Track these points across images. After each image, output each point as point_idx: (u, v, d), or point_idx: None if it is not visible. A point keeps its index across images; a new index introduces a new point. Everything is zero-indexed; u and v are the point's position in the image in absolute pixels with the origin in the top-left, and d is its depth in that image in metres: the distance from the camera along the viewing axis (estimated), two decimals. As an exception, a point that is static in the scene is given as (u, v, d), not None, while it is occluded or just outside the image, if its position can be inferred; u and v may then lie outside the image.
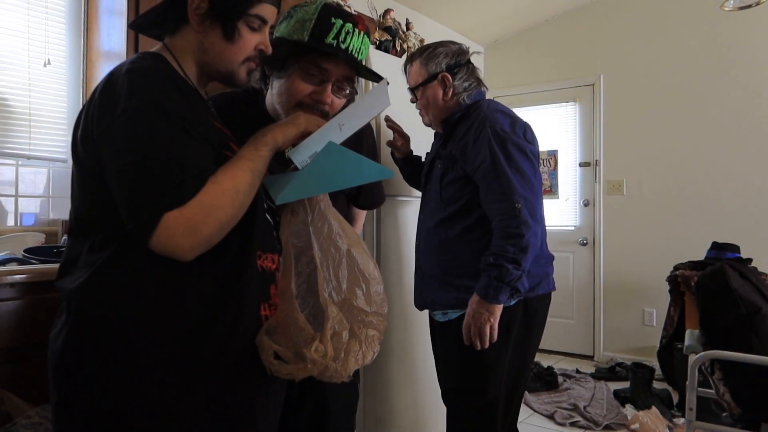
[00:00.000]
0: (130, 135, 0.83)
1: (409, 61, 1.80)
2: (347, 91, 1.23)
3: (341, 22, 1.15)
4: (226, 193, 0.85)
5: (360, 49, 1.19)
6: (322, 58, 1.16)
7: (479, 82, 1.81)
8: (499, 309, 1.58)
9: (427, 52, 1.75)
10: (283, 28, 1.19)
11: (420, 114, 1.84)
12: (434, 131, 1.95)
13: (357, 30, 1.17)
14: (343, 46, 1.15)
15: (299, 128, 1.00)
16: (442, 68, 1.73)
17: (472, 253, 1.65)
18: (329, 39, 1.14)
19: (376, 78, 1.25)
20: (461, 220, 1.70)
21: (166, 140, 0.84)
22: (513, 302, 1.65)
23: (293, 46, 1.16)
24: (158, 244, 0.81)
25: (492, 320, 1.58)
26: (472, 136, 1.65)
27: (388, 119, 2.00)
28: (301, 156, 1.00)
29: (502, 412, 1.72)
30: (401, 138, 2.01)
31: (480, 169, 1.62)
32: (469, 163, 1.65)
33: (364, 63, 1.24)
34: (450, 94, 1.74)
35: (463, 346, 1.65)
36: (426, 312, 1.91)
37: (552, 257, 1.82)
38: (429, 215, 1.79)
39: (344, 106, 1.28)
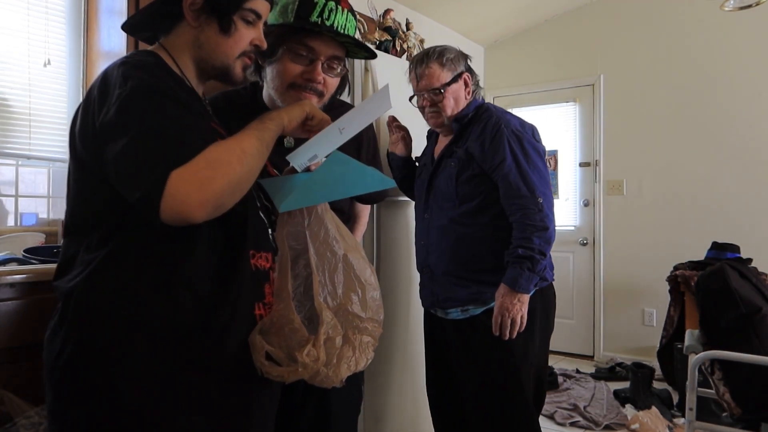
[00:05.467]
0: (129, 113, 0.83)
1: (421, 63, 1.79)
2: (338, 70, 1.25)
3: (323, 0, 1.17)
4: (233, 151, 0.83)
5: (345, 25, 1.21)
6: (309, 37, 1.18)
7: (477, 83, 1.89)
8: (527, 298, 1.66)
9: (445, 53, 1.79)
10: (270, 17, 1.21)
11: (428, 115, 1.83)
12: (428, 133, 2.00)
13: (340, 7, 1.20)
14: (327, 24, 1.17)
15: (304, 109, 1.01)
16: (463, 68, 1.80)
17: (490, 248, 1.71)
18: (313, 17, 1.17)
19: (367, 53, 1.29)
20: (479, 217, 1.74)
21: (165, 112, 0.84)
22: (532, 292, 1.70)
23: (280, 29, 1.18)
24: (167, 207, 0.77)
25: (523, 309, 1.65)
26: (489, 135, 1.71)
27: (394, 120, 2.03)
28: (300, 159, 1.00)
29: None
30: (407, 137, 2.05)
31: (500, 167, 1.68)
32: (487, 161, 1.70)
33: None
34: (469, 93, 1.82)
35: (493, 342, 1.68)
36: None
37: None
38: (440, 213, 1.80)
39: (338, 89, 1.31)
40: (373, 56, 1.32)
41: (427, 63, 1.78)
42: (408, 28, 3.24)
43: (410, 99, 1.89)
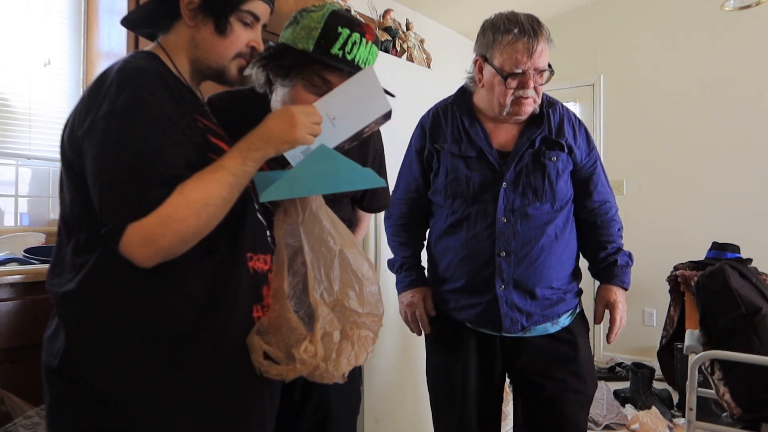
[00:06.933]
0: (109, 137, 0.83)
1: (536, 35, 1.47)
2: None
3: (348, 31, 1.11)
4: (191, 206, 0.83)
5: (367, 59, 1.15)
6: (327, 69, 1.12)
7: None
8: None
9: (546, 28, 1.51)
10: (288, 34, 1.16)
11: (524, 100, 1.51)
12: (454, 118, 1.64)
13: (365, 39, 1.14)
14: (349, 57, 1.12)
15: (294, 146, 0.97)
16: None
17: (574, 252, 1.63)
18: (335, 50, 1.10)
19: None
20: (568, 218, 1.58)
21: (142, 144, 0.83)
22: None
23: (298, 55, 1.12)
24: (122, 251, 0.82)
25: None
26: (577, 127, 1.61)
27: None
28: (292, 151, 0.99)
29: None
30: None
31: (595, 164, 1.64)
32: (584, 156, 1.59)
33: None
34: None
35: (583, 349, 1.59)
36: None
37: None
38: (529, 216, 1.50)
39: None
40: (387, 94, 1.17)
41: (541, 34, 1.47)
42: (408, 28, 3.24)
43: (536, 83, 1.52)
